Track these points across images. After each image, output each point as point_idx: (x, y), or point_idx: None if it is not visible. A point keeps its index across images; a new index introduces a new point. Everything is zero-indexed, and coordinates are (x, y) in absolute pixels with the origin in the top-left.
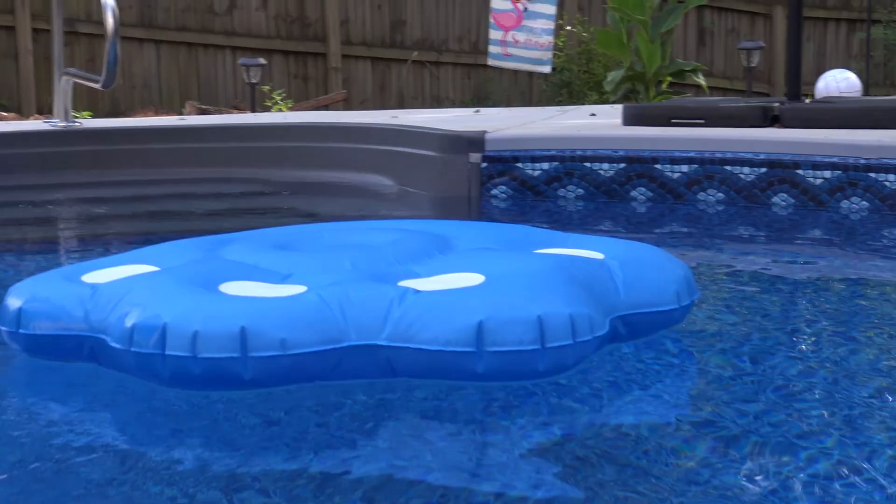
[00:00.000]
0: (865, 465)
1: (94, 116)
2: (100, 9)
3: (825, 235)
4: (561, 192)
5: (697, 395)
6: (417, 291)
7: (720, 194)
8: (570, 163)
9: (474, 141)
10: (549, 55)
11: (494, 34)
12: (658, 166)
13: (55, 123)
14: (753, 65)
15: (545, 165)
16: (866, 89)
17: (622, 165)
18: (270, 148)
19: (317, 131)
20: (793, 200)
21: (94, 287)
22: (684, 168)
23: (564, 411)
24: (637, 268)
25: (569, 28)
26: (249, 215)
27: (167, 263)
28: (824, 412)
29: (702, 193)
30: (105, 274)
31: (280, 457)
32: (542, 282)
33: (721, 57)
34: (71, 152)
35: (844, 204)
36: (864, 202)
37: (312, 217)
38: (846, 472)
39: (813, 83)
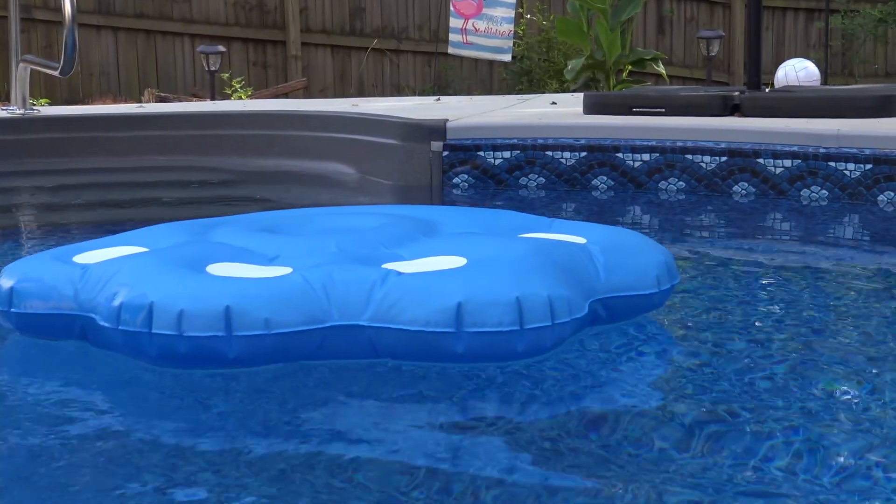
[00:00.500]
0: (840, 444)
1: (51, 104)
2: None
3: (786, 224)
4: (522, 180)
5: (673, 377)
6: (399, 273)
7: (681, 183)
8: (532, 151)
9: (435, 129)
10: (509, 43)
11: (454, 22)
12: (619, 155)
13: (13, 111)
14: (713, 54)
15: (506, 154)
16: (825, 78)
17: (583, 154)
18: (230, 136)
19: (277, 119)
20: (753, 189)
21: (84, 267)
22: (645, 157)
23: (543, 392)
24: (618, 252)
25: (529, 16)
26: (208, 204)
27: (157, 245)
28: (797, 392)
29: (663, 182)
30: (95, 255)
31: (263, 434)
32: (521, 265)
33: (680, 45)
34: (29, 140)
35: (805, 192)
36: (823, 191)
37: (273, 205)
38: (822, 450)
39: (772, 72)
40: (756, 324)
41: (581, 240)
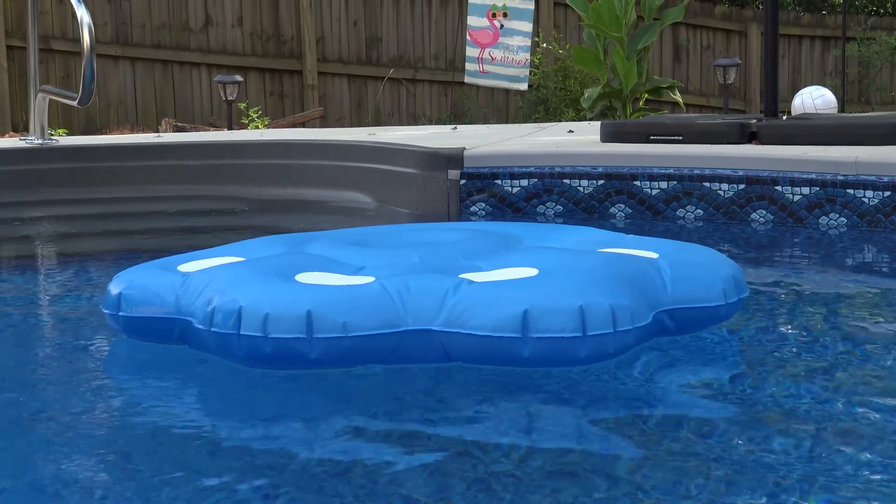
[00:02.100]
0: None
1: (69, 134)
2: (74, 26)
3: (805, 251)
4: (540, 208)
5: (728, 385)
6: (471, 282)
7: (699, 211)
8: (549, 179)
9: (453, 158)
10: (525, 72)
11: (471, 51)
12: (637, 183)
13: (31, 141)
14: (730, 82)
15: (524, 182)
16: (842, 106)
17: (601, 182)
18: (248, 165)
19: (294, 148)
20: (771, 217)
21: (185, 275)
22: (663, 184)
23: (602, 396)
24: (686, 266)
25: (545, 45)
26: (227, 232)
27: (253, 255)
28: (846, 412)
29: (681, 210)
30: (198, 264)
31: (346, 432)
32: (587, 276)
33: (696, 74)
34: (48, 170)
35: (823, 220)
36: (842, 218)
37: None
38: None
39: (788, 100)
40: (811, 344)
41: (653, 255)
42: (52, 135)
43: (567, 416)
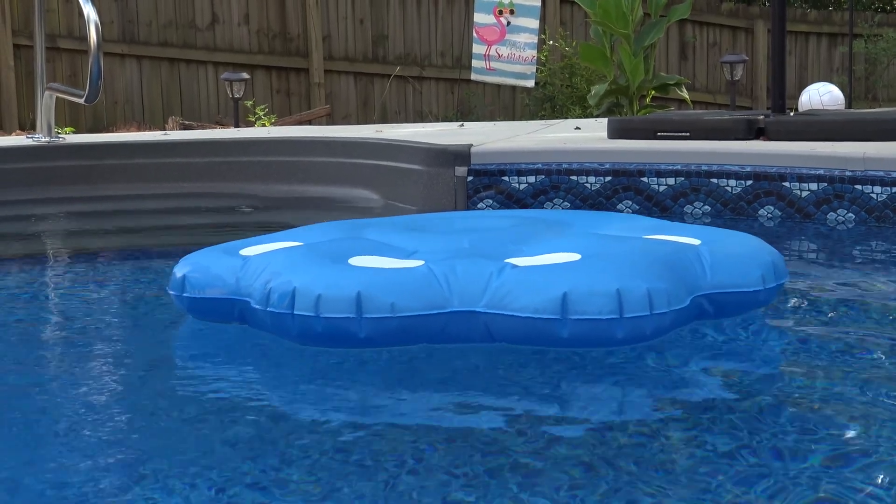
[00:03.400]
0: None
1: (76, 132)
2: (81, 24)
3: (813, 247)
4: (547, 205)
5: (767, 370)
6: (515, 266)
7: (706, 207)
8: (557, 176)
9: (460, 154)
10: (532, 69)
11: (478, 48)
12: (644, 179)
13: (38, 139)
14: (736, 78)
15: (531, 178)
16: (848, 103)
17: (608, 178)
18: (255, 163)
19: (301, 146)
20: (779, 213)
21: (245, 258)
22: (670, 181)
23: (639, 375)
24: (726, 252)
25: (551, 42)
26: (233, 230)
27: (311, 240)
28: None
29: (688, 206)
30: (258, 248)
31: (395, 409)
32: (626, 260)
33: (703, 71)
34: (55, 167)
35: (831, 216)
36: (850, 214)
37: None
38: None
39: (795, 97)
40: (838, 334)
41: (695, 241)
42: (58, 133)
43: (604, 395)
